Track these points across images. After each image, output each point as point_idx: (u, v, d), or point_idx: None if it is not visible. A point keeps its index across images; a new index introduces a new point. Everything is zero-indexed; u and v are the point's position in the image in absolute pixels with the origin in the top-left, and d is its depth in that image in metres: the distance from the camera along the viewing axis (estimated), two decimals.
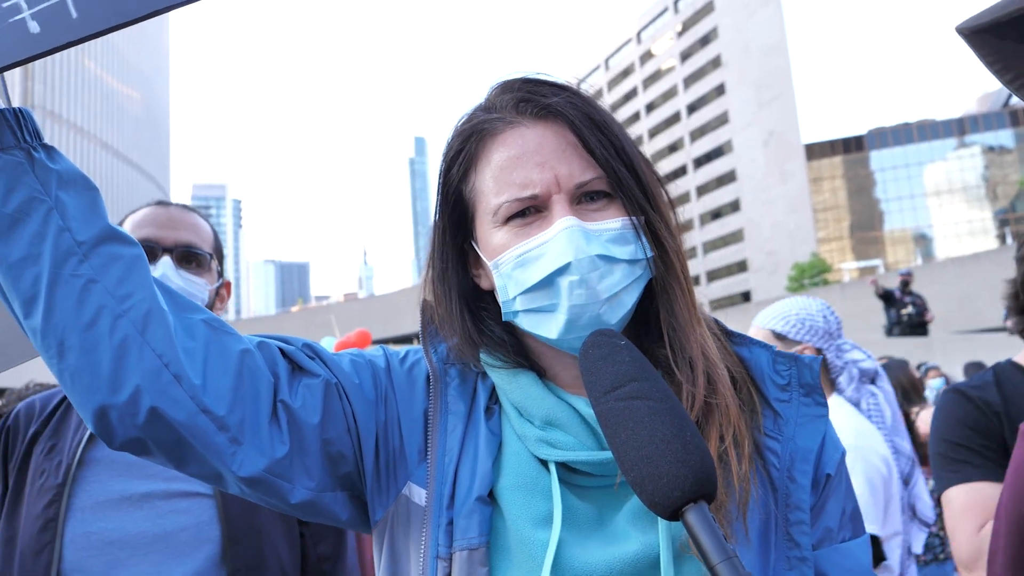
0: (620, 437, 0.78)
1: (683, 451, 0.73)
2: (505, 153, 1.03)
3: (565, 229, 0.98)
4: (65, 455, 1.62)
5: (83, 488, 1.60)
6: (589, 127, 1.02)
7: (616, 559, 0.95)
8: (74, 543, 1.55)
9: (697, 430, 0.77)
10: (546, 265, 0.99)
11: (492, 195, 1.04)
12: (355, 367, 1.09)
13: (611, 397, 0.81)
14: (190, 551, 1.59)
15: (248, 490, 0.99)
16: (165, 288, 1.00)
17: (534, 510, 0.99)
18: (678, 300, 1.05)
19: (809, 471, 1.03)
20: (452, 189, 1.09)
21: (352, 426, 1.04)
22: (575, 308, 0.99)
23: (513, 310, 1.05)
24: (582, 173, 1.01)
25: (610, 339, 0.89)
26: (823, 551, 1.04)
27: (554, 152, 1.01)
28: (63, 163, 0.96)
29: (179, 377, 0.93)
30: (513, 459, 1.03)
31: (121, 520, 1.58)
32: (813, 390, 1.08)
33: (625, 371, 0.83)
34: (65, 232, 0.92)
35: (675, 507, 0.71)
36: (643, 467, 0.74)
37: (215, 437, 0.94)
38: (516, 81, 1.08)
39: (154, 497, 1.60)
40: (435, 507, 1.00)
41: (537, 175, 1.00)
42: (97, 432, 0.94)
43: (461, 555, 0.97)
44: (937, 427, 2.00)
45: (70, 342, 0.91)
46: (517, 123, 1.04)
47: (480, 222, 1.08)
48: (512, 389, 1.07)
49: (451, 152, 1.09)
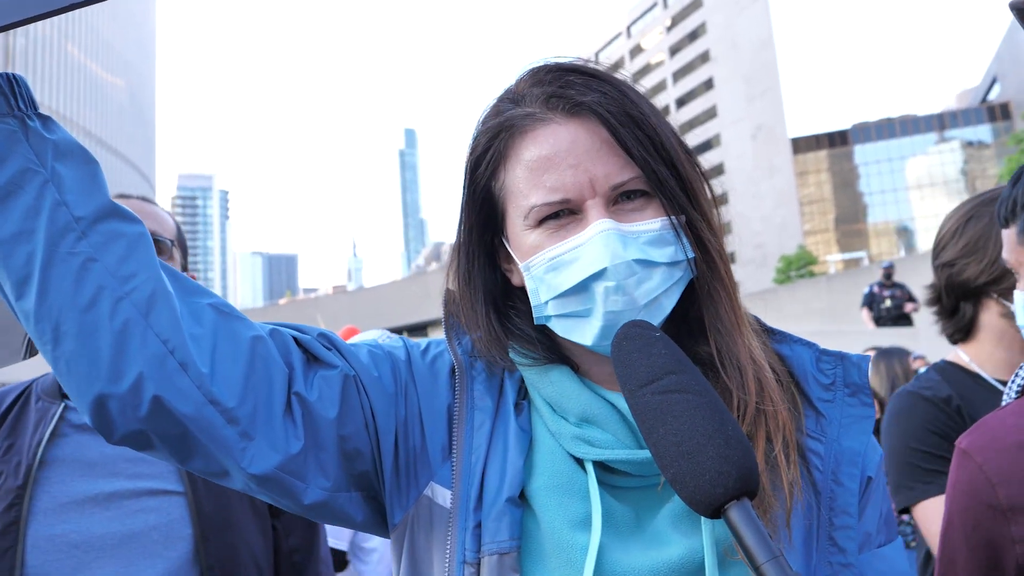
0: (658, 432, 0.74)
1: (725, 446, 0.71)
2: (536, 152, 0.97)
3: (601, 233, 0.93)
4: (24, 455, 1.55)
5: (45, 489, 1.54)
6: (625, 123, 0.95)
7: (660, 564, 0.91)
8: (37, 547, 1.50)
9: (738, 424, 0.74)
10: (580, 270, 0.94)
11: (523, 196, 0.98)
12: (374, 359, 1.03)
13: (647, 391, 0.78)
14: (161, 550, 1.56)
15: (258, 488, 0.93)
16: (170, 270, 0.93)
17: (571, 512, 0.94)
18: (723, 303, 1.01)
19: (856, 474, 0.99)
20: (480, 186, 1.03)
21: (370, 422, 0.99)
22: (611, 315, 0.94)
23: (545, 314, 1.01)
24: (619, 174, 0.95)
25: (645, 330, 0.85)
26: (863, 557, 1.00)
27: (588, 152, 0.95)
28: (60, 133, 0.90)
29: (185, 365, 0.86)
30: (547, 458, 0.98)
31: (86, 521, 1.53)
32: (860, 390, 1.04)
33: (662, 363, 0.79)
34: (62, 206, 0.86)
35: (718, 504, 0.69)
36: (683, 463, 0.71)
37: (224, 430, 0.88)
38: (547, 71, 1.01)
39: (120, 496, 1.56)
40: (461, 509, 0.95)
41: (570, 178, 0.95)
42: (95, 425, 0.87)
43: (491, 560, 0.92)
44: (901, 433, 1.93)
45: (66, 326, 0.85)
46: (549, 119, 0.97)
47: (511, 220, 1.02)
48: (545, 384, 1.02)
49: (478, 148, 1.03)
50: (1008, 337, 1.95)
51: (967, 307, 2.00)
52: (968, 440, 1.20)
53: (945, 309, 2.06)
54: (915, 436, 1.90)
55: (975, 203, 2.01)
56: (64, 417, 1.62)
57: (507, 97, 1.03)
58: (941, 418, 1.90)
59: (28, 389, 1.70)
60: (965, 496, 1.18)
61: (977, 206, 1.99)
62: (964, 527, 1.18)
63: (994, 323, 1.96)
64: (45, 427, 1.60)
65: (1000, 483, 1.12)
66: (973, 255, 1.94)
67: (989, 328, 1.97)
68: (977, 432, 1.20)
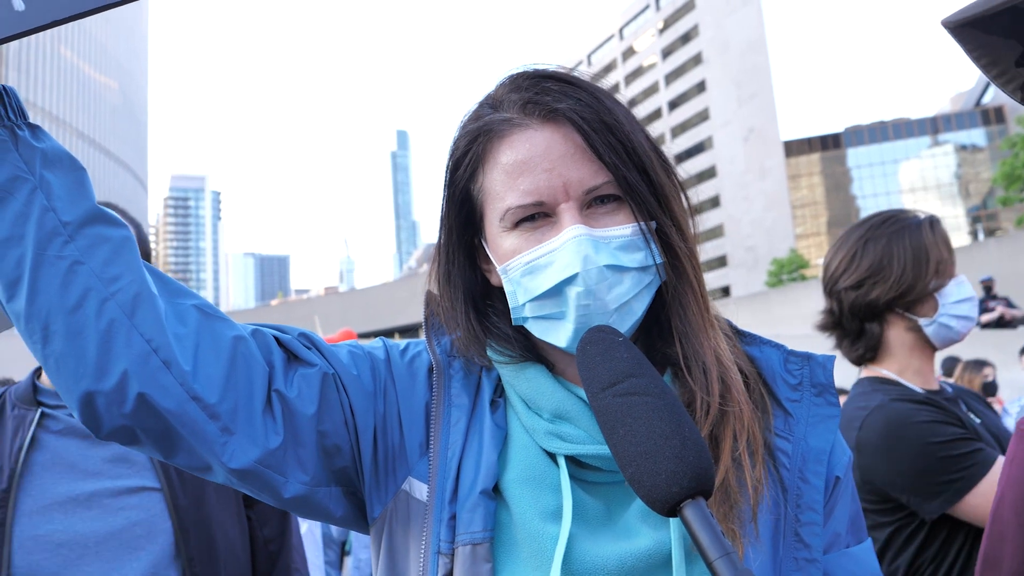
0: (618, 433, 0.77)
1: (681, 447, 0.72)
2: (512, 156, 0.99)
3: (573, 238, 0.95)
4: (6, 460, 1.62)
5: (28, 492, 1.61)
6: (599, 129, 0.97)
7: (628, 554, 0.93)
8: (23, 547, 1.56)
9: (695, 426, 0.76)
10: (554, 274, 0.97)
11: (499, 198, 1.01)
12: (353, 358, 1.06)
13: (608, 393, 0.80)
14: (144, 545, 1.62)
15: (239, 482, 0.96)
16: (156, 273, 0.97)
17: (543, 504, 0.96)
18: (690, 306, 1.03)
19: (822, 472, 1.02)
20: (460, 188, 1.06)
21: (349, 419, 1.02)
22: (583, 318, 0.96)
23: (523, 316, 1.03)
24: (592, 178, 0.97)
25: (607, 335, 0.87)
26: (832, 556, 1.03)
27: (562, 157, 0.98)
28: (48, 142, 0.94)
29: (168, 363, 0.90)
30: (521, 452, 1.01)
31: (70, 521, 1.59)
32: (825, 390, 1.06)
33: (623, 367, 0.82)
34: (50, 212, 0.90)
35: (673, 503, 0.70)
36: (641, 463, 0.73)
37: (205, 426, 0.92)
38: (525, 77, 1.03)
39: (101, 495, 1.63)
40: (437, 501, 0.98)
41: (544, 181, 0.97)
42: (83, 420, 0.92)
43: (464, 550, 0.95)
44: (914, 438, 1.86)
45: (55, 326, 0.89)
46: (525, 125, 1.00)
47: (489, 222, 1.05)
48: (520, 382, 1.05)
49: (458, 151, 1.05)
50: (918, 348, 2.05)
51: (873, 327, 2.07)
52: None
53: (849, 332, 2.11)
54: (931, 434, 1.85)
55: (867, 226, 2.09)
56: (42, 423, 1.68)
57: (487, 102, 1.06)
58: (940, 411, 1.92)
59: (2, 398, 1.76)
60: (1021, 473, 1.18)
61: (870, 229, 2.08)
62: (1016, 503, 1.18)
63: (903, 338, 2.05)
64: (24, 433, 1.66)
65: None
66: (879, 275, 2.01)
67: (900, 343, 2.05)
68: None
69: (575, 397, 1.02)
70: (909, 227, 2.03)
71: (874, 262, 2.03)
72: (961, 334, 2.04)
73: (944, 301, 2.00)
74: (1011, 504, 1.20)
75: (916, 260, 1.99)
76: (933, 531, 1.87)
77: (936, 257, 2.00)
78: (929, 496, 1.84)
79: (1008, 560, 1.19)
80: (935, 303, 2.01)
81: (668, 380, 1.05)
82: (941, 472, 1.81)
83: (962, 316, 2.02)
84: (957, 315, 2.02)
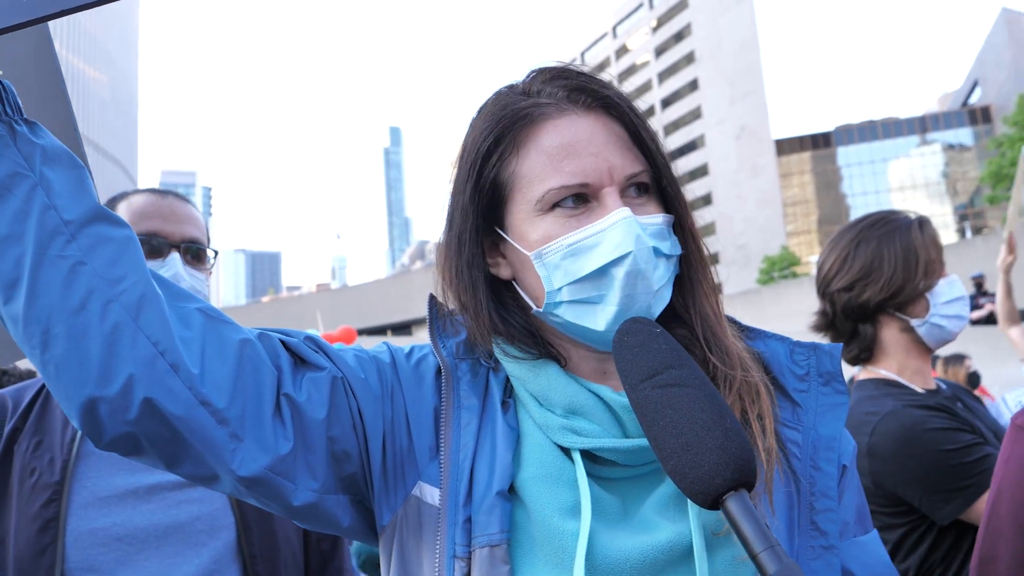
0: (659, 425, 0.75)
1: (724, 439, 0.72)
2: (558, 139, 0.99)
3: (623, 219, 0.96)
4: (58, 452, 1.54)
5: (82, 484, 1.53)
6: (639, 122, 1.02)
7: (649, 547, 0.92)
8: (78, 541, 1.49)
9: (736, 418, 0.75)
10: (602, 255, 0.96)
11: (539, 181, 1.00)
12: (360, 362, 1.04)
13: (648, 385, 0.79)
14: (207, 540, 1.57)
15: (247, 491, 0.93)
16: (158, 277, 0.95)
17: (560, 500, 0.95)
18: (708, 296, 1.06)
19: (834, 458, 1.02)
20: (487, 174, 1.04)
21: (358, 423, 1.00)
22: (628, 299, 0.96)
23: (557, 300, 1.01)
24: (632, 165, 1.00)
25: (645, 326, 0.87)
26: (842, 544, 1.02)
27: (606, 143, 0.99)
28: (47, 138, 0.91)
29: (176, 366, 0.87)
30: (535, 450, 1.00)
31: (129, 514, 1.52)
32: (833, 378, 1.07)
33: (662, 359, 0.81)
34: (51, 210, 0.87)
35: (716, 495, 0.70)
36: (683, 455, 0.72)
37: (214, 431, 0.88)
38: (562, 69, 1.05)
39: (162, 488, 1.56)
40: (450, 505, 0.96)
41: (591, 164, 0.98)
42: (84, 429, 0.87)
43: (481, 552, 0.92)
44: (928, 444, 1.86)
45: (56, 329, 0.85)
46: (569, 111, 1.01)
47: (515, 209, 1.03)
48: (532, 379, 1.04)
49: (489, 138, 1.03)
50: (913, 348, 2.09)
51: (867, 328, 2.10)
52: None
53: (843, 333, 2.14)
54: (946, 441, 1.85)
55: (859, 228, 2.13)
56: None
57: (517, 91, 1.05)
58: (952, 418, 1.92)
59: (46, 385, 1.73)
60: (1019, 470, 1.18)
61: (862, 230, 2.11)
62: (1013, 500, 1.19)
63: (896, 338, 2.08)
64: None
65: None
66: (870, 277, 2.06)
67: (894, 343, 2.10)
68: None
69: (588, 391, 1.01)
70: (899, 228, 2.06)
71: (865, 264, 2.06)
72: (953, 333, 2.06)
73: (935, 301, 2.03)
74: (1007, 502, 1.20)
75: (906, 261, 2.02)
76: (943, 533, 1.88)
77: (925, 258, 2.02)
78: (943, 501, 1.86)
79: (1004, 557, 1.19)
80: (926, 303, 2.03)
81: None
82: (955, 478, 1.83)
83: (954, 316, 2.05)
84: (949, 315, 2.04)
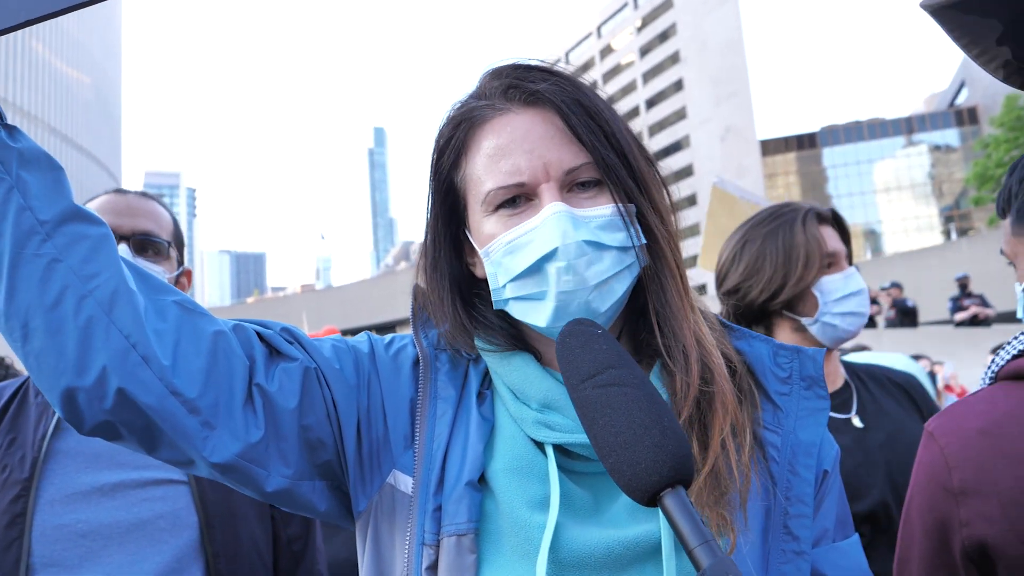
0: (598, 424, 0.77)
1: (660, 437, 0.73)
2: (494, 140, 1.02)
3: (553, 215, 0.97)
4: (29, 449, 1.59)
5: (51, 481, 1.57)
6: (578, 113, 1.00)
7: (615, 542, 0.93)
8: (44, 537, 1.53)
9: (674, 416, 0.77)
10: (534, 251, 0.98)
11: (481, 183, 1.03)
12: (336, 352, 1.07)
13: (588, 385, 0.80)
14: (168, 538, 1.59)
15: (221, 476, 0.97)
16: (137, 270, 0.98)
17: (529, 493, 0.97)
18: (669, 288, 1.04)
19: (812, 464, 1.02)
20: (443, 177, 1.08)
21: (332, 412, 1.02)
22: (563, 295, 0.97)
23: (504, 298, 1.04)
24: (572, 159, 1.00)
25: (587, 327, 0.88)
26: (820, 550, 1.03)
27: (543, 139, 1.00)
28: (25, 142, 0.95)
29: (147, 358, 0.91)
30: (508, 442, 1.02)
31: (93, 511, 1.56)
32: (815, 383, 1.07)
33: (602, 359, 0.82)
34: (27, 211, 0.91)
35: (653, 492, 0.71)
36: (621, 453, 0.74)
37: (185, 420, 0.92)
38: (506, 67, 1.06)
39: (126, 487, 1.60)
40: (422, 493, 0.98)
41: (525, 162, 0.99)
42: (65, 416, 0.92)
43: (449, 541, 0.95)
44: None
45: (34, 323, 0.90)
46: (506, 110, 1.03)
47: (472, 210, 1.06)
48: (508, 371, 1.06)
49: (441, 140, 1.07)
50: None
51: (759, 330, 1.99)
52: (936, 423, 1.22)
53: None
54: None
55: (747, 227, 2.03)
56: None
57: (472, 93, 1.08)
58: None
59: (24, 384, 1.72)
60: (925, 478, 1.21)
61: (749, 230, 2.01)
62: (920, 508, 1.21)
63: (790, 339, 1.98)
64: (48, 421, 1.62)
65: (956, 466, 1.14)
66: (753, 277, 1.96)
67: None
68: (946, 416, 1.21)
69: (563, 386, 1.01)
70: (784, 224, 1.96)
71: (749, 264, 1.98)
72: (850, 332, 1.96)
73: (825, 299, 1.93)
74: (917, 507, 1.22)
75: (786, 259, 1.92)
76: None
77: (806, 253, 1.92)
78: None
79: (915, 558, 1.22)
80: (815, 301, 1.94)
81: (657, 370, 1.05)
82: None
83: (848, 313, 1.94)
84: (841, 312, 1.93)
